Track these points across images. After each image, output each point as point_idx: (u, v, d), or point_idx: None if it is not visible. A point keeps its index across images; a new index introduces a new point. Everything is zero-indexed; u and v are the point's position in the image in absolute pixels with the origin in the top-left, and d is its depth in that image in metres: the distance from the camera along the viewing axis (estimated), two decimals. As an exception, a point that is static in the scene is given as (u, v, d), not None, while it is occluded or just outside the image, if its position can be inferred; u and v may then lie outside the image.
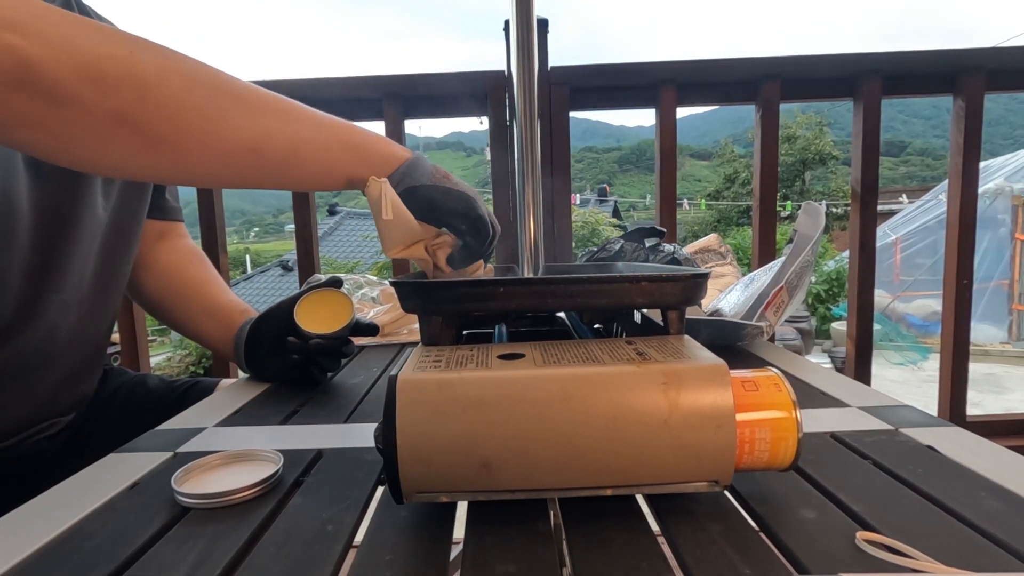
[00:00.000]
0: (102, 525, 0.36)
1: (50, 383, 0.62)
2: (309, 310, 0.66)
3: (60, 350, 0.61)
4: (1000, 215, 6.42)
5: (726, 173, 22.54)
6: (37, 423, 0.62)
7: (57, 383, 0.63)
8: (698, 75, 1.19)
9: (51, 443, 0.65)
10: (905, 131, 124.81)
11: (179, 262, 0.77)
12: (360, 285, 1.00)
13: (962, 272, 1.17)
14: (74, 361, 0.64)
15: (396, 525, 0.34)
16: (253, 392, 0.65)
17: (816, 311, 7.69)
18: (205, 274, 0.77)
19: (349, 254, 12.49)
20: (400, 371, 0.33)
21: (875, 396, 0.56)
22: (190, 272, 0.77)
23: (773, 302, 0.73)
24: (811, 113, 21.46)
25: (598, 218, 9.50)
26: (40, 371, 0.60)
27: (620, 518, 0.34)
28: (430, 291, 0.42)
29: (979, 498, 0.35)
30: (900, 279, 7.17)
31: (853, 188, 1.20)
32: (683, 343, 0.38)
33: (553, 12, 4.91)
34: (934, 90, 1.18)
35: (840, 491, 0.36)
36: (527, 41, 0.52)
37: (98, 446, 0.49)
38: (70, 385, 0.65)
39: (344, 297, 0.67)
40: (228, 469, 0.42)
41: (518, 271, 0.58)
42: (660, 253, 0.89)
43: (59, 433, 0.65)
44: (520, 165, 0.53)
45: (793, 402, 0.34)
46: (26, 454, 0.62)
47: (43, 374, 0.61)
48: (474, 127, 20.81)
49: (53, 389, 0.63)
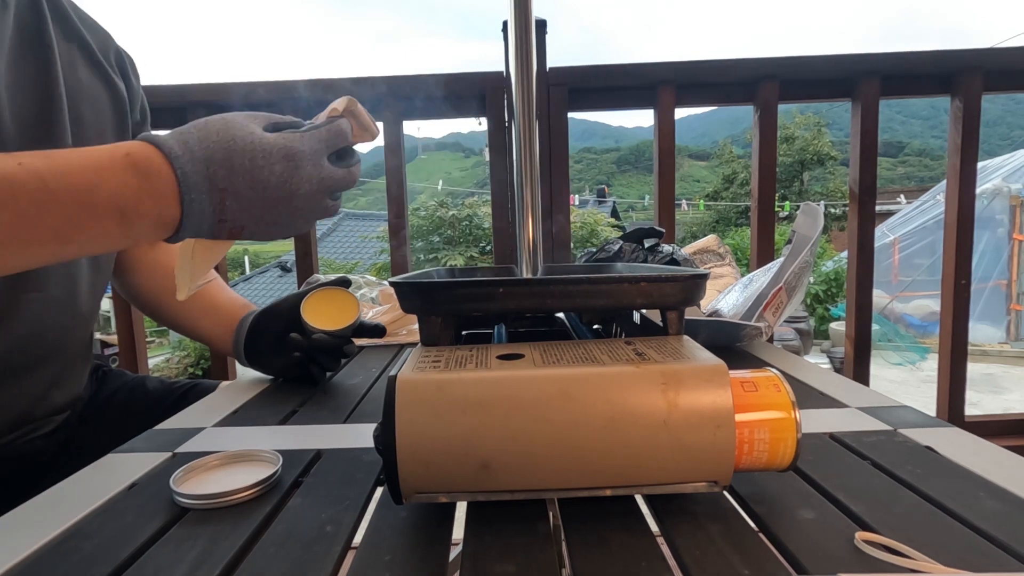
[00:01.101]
0: (101, 526, 0.36)
1: (40, 382, 0.62)
2: (315, 307, 0.66)
3: (47, 349, 0.61)
4: (998, 215, 6.43)
5: (724, 174, 22.56)
6: (30, 422, 0.62)
7: (47, 381, 0.63)
8: (696, 76, 1.19)
9: (47, 442, 0.65)
10: (903, 132, 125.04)
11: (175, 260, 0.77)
12: (359, 286, 1.00)
13: (960, 272, 1.17)
14: (63, 358, 0.64)
15: (395, 526, 0.34)
16: (252, 392, 0.65)
17: (815, 311, 7.71)
18: None
19: (348, 255, 12.49)
20: (399, 371, 0.33)
21: (874, 396, 0.56)
22: None
23: (772, 303, 0.73)
24: (809, 114, 21.49)
25: (597, 219, 9.48)
26: (28, 370, 0.60)
27: (619, 518, 0.34)
28: (430, 291, 0.42)
29: (978, 498, 0.35)
30: (898, 279, 7.18)
31: (851, 188, 1.20)
32: (682, 344, 0.38)
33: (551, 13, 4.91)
34: (932, 91, 1.19)
35: (839, 491, 0.37)
36: (525, 42, 0.53)
37: (96, 448, 0.49)
38: (61, 383, 0.65)
39: (351, 297, 0.68)
40: (227, 470, 0.42)
41: (517, 272, 0.58)
42: (659, 254, 0.89)
43: (55, 432, 0.65)
44: (518, 166, 0.54)
45: (792, 402, 0.34)
46: (23, 453, 0.62)
47: (32, 373, 0.60)
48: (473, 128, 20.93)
49: (43, 388, 0.63)
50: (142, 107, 0.72)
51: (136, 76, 0.72)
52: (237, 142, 0.43)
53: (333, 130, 0.46)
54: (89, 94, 0.62)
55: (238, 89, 1.20)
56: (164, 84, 1.42)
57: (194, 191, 0.42)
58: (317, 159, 0.45)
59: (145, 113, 0.73)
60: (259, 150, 0.43)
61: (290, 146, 0.44)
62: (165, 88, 1.17)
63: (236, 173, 0.42)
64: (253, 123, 0.45)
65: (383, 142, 1.19)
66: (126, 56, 0.70)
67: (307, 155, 0.44)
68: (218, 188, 0.42)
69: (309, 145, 0.44)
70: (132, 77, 0.70)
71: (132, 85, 0.70)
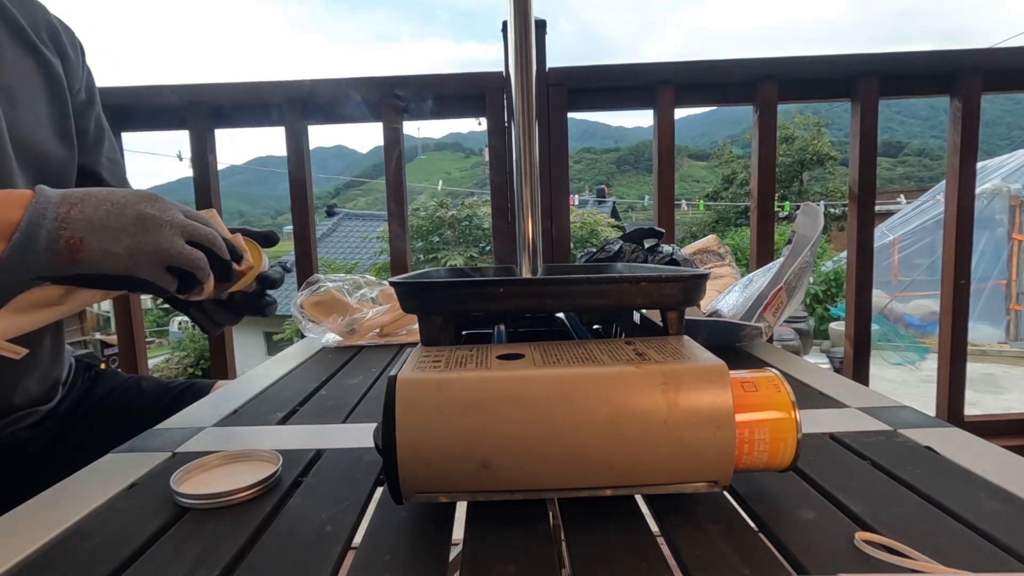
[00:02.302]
0: (101, 525, 0.36)
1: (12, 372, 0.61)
2: None
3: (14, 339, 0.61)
4: (998, 215, 6.44)
5: (724, 174, 22.55)
6: (10, 412, 0.62)
7: (19, 371, 0.62)
8: (696, 76, 1.19)
9: (32, 433, 0.64)
10: (903, 132, 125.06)
11: None
12: (359, 285, 1.00)
13: (960, 272, 1.17)
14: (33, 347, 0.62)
15: (395, 525, 0.34)
16: (252, 392, 0.65)
17: (814, 311, 7.71)
18: None
19: (347, 255, 12.49)
20: (399, 371, 0.33)
21: (874, 397, 0.56)
22: None
23: (772, 303, 0.73)
24: (809, 114, 21.49)
25: (597, 219, 9.49)
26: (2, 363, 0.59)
27: (619, 518, 0.34)
28: (430, 291, 0.42)
29: (978, 498, 0.35)
30: (898, 279, 7.18)
31: (851, 189, 1.20)
32: (682, 344, 0.38)
33: (551, 13, 4.89)
34: (931, 91, 1.19)
35: (839, 492, 0.37)
36: (525, 42, 0.52)
37: (92, 448, 0.49)
38: (33, 372, 0.65)
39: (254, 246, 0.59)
40: (227, 469, 0.42)
41: (517, 272, 0.58)
42: (659, 254, 0.89)
43: (39, 423, 0.65)
44: (518, 166, 0.53)
45: (792, 403, 0.34)
46: (9, 444, 0.62)
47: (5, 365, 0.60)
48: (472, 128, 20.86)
49: (16, 377, 0.62)
50: (88, 87, 0.68)
51: (77, 51, 0.67)
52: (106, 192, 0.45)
53: (204, 223, 0.48)
54: (16, 71, 0.58)
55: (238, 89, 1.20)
56: (166, 84, 1.42)
57: (43, 196, 0.42)
58: (176, 213, 0.46)
59: (92, 95, 0.69)
60: (123, 192, 0.45)
61: (155, 195, 0.46)
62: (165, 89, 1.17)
63: (91, 196, 0.44)
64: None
65: (383, 142, 1.19)
66: (62, 29, 0.66)
67: (169, 205, 0.46)
68: (68, 201, 0.43)
69: (173, 205, 0.46)
70: (70, 51, 0.66)
71: (70, 59, 0.65)
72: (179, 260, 0.45)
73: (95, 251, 0.42)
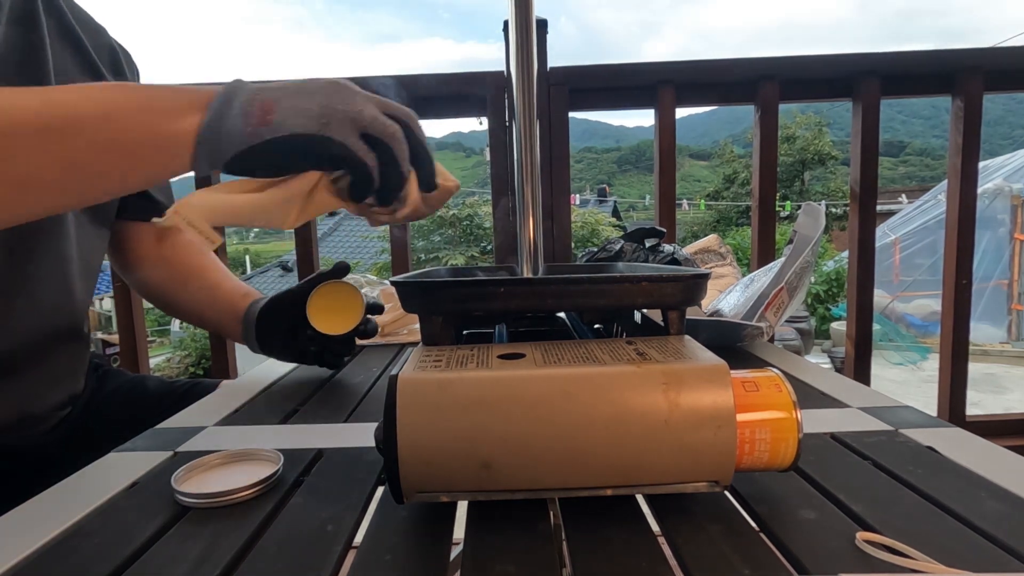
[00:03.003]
0: (102, 525, 0.36)
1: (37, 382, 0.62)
2: (320, 306, 0.66)
3: (42, 351, 0.62)
4: (999, 215, 6.43)
5: (725, 173, 22.54)
6: (30, 418, 0.63)
7: (44, 381, 0.63)
8: (697, 76, 1.19)
9: (48, 437, 0.65)
10: (904, 131, 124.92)
11: (182, 253, 0.77)
12: (360, 285, 1.00)
13: (961, 272, 1.17)
14: (58, 359, 0.64)
15: (396, 525, 0.34)
16: (253, 392, 0.65)
17: (815, 311, 7.70)
18: (207, 262, 0.78)
19: (349, 254, 12.49)
20: (400, 371, 0.33)
21: (875, 396, 0.56)
22: (193, 261, 0.77)
23: (773, 303, 0.73)
24: (810, 113, 21.48)
25: (598, 218, 9.49)
26: (24, 371, 0.60)
27: (620, 518, 0.34)
28: (431, 291, 0.42)
29: (979, 499, 0.35)
30: (899, 279, 7.17)
31: (852, 188, 1.20)
32: (683, 343, 0.38)
33: (552, 13, 4.89)
34: (933, 90, 1.19)
35: (840, 491, 0.37)
36: (526, 42, 0.52)
37: (96, 447, 0.49)
38: (57, 381, 0.65)
39: (354, 291, 0.67)
40: (228, 469, 0.42)
41: (518, 271, 0.58)
42: (660, 253, 0.89)
43: (56, 427, 0.66)
44: (519, 165, 0.53)
45: (793, 402, 0.34)
46: (26, 448, 0.62)
47: (27, 373, 0.61)
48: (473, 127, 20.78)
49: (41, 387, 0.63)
50: None
51: (133, 71, 0.71)
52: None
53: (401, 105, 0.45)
54: None
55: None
56: (166, 84, 1.42)
57: (238, 81, 0.43)
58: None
59: None
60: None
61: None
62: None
63: (283, 81, 0.44)
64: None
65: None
66: (120, 51, 0.69)
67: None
68: (258, 88, 0.43)
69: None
70: (127, 73, 0.69)
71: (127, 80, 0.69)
72: (374, 127, 0.42)
73: (287, 109, 0.41)
